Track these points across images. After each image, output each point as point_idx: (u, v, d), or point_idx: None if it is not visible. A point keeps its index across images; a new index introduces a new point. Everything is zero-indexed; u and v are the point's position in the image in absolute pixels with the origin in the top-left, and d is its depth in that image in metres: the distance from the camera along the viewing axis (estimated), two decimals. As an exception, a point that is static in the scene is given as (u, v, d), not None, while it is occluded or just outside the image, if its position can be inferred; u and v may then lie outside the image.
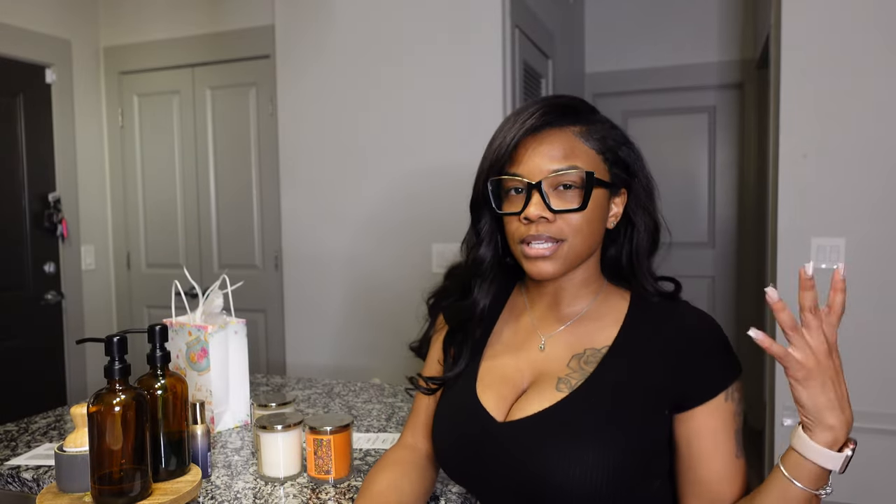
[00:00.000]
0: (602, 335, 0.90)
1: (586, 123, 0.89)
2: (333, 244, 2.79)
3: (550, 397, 0.86)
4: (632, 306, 0.92)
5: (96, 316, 3.21)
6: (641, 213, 0.92)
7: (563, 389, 0.86)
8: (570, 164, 0.85)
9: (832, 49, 2.40)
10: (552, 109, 0.88)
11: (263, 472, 1.14)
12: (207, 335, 1.37)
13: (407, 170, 2.66)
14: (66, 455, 1.00)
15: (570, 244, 0.86)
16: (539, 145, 0.87)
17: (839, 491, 2.75)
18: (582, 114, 0.89)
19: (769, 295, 0.72)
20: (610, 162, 0.89)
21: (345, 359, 2.79)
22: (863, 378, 2.41)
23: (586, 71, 4.14)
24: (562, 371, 0.89)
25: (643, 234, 0.92)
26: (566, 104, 0.89)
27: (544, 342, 0.94)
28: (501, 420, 0.89)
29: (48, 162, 2.98)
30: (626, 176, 0.90)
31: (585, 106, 0.91)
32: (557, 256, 0.86)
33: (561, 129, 0.87)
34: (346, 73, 2.73)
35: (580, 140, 0.87)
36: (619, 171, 0.89)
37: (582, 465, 0.80)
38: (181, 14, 3.07)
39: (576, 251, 0.87)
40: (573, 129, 0.88)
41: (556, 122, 0.87)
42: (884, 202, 2.37)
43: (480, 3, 2.53)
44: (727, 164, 3.99)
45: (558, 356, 0.91)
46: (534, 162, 0.86)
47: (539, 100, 0.90)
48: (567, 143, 0.86)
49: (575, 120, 0.88)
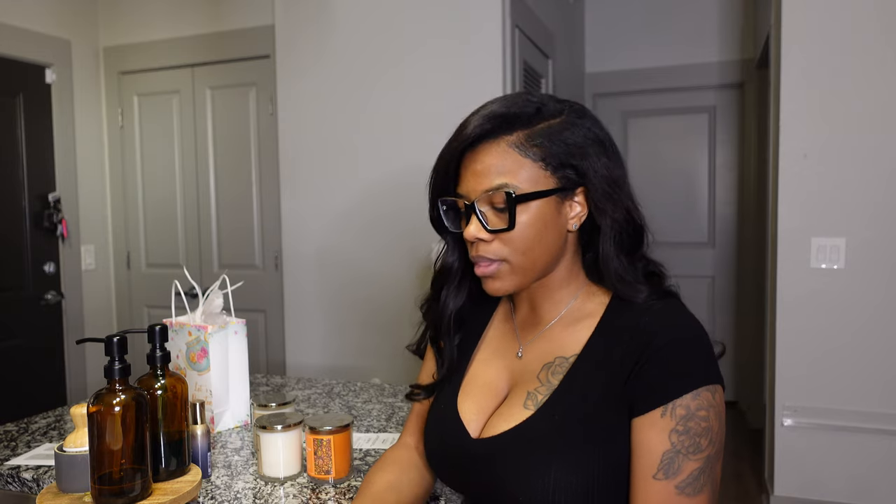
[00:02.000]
0: (573, 341, 0.87)
1: (525, 128, 0.83)
2: (333, 244, 2.79)
3: (518, 415, 0.85)
4: (609, 308, 0.87)
5: (96, 316, 3.21)
6: (603, 212, 0.84)
7: (529, 406, 0.85)
8: (501, 181, 0.82)
9: (832, 49, 2.40)
10: (486, 121, 0.83)
11: (263, 472, 1.14)
12: (207, 335, 1.37)
13: (407, 169, 2.66)
14: (66, 455, 1.00)
15: (513, 263, 0.84)
16: (473, 163, 0.84)
17: (839, 491, 2.75)
18: (520, 120, 0.83)
19: None
20: (553, 166, 0.83)
21: (345, 359, 2.79)
22: (863, 378, 2.41)
23: (586, 71, 4.14)
24: (531, 383, 0.87)
25: (608, 232, 0.84)
26: (502, 113, 0.83)
27: (521, 349, 0.92)
28: (475, 436, 0.89)
29: (48, 162, 2.98)
30: (577, 176, 0.84)
31: (527, 108, 0.84)
32: (502, 275, 0.85)
33: (496, 142, 0.83)
34: (346, 73, 2.73)
35: (515, 151, 0.82)
36: (568, 172, 0.83)
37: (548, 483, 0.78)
38: (181, 14, 3.07)
39: (524, 268, 0.85)
40: (508, 139, 0.83)
41: (490, 134, 0.83)
42: (884, 202, 2.37)
43: (480, 3, 2.53)
44: (727, 164, 3.99)
45: (532, 365, 0.89)
46: (469, 182, 0.85)
47: (477, 110, 0.86)
48: (499, 157, 0.82)
49: (511, 128, 0.83)
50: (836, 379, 2.44)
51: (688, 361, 0.78)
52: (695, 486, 0.76)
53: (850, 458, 2.43)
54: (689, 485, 0.76)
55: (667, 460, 0.76)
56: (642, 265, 0.87)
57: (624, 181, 0.85)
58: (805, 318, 2.46)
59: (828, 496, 2.46)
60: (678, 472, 0.76)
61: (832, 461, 2.46)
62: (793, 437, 2.49)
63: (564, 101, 0.88)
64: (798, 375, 2.46)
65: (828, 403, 2.45)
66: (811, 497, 2.48)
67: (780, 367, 2.49)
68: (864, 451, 2.41)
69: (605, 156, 0.84)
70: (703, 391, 0.77)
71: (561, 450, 0.80)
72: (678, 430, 0.76)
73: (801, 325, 2.47)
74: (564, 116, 0.85)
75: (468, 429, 0.89)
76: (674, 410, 0.76)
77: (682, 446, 0.76)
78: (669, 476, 0.76)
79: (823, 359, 2.44)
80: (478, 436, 0.88)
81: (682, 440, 0.76)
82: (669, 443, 0.76)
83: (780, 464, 2.53)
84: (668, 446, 0.76)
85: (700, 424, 0.76)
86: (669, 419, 0.76)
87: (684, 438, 0.76)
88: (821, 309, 2.44)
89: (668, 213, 3.97)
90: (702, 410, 0.77)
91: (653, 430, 0.77)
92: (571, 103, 0.88)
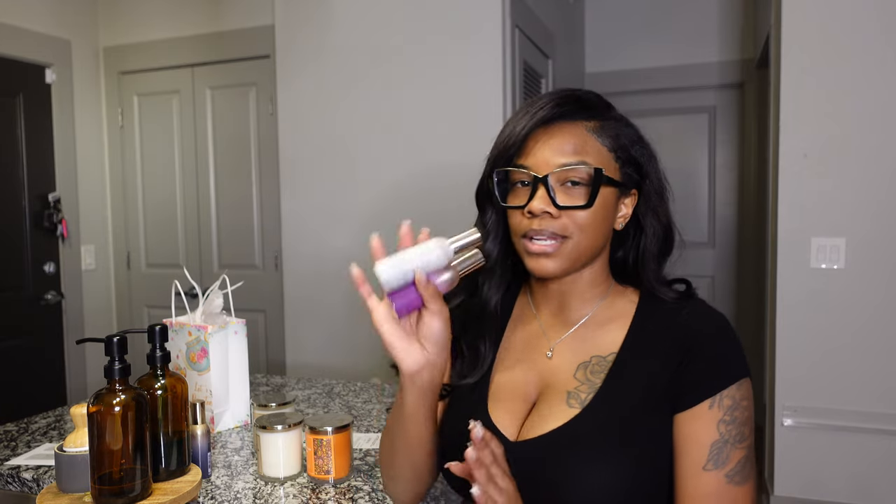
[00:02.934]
0: (608, 340, 0.87)
1: (600, 119, 0.85)
2: (333, 244, 2.79)
3: (562, 414, 0.83)
4: (639, 308, 0.88)
5: (96, 316, 3.21)
6: (651, 217, 0.88)
7: (573, 405, 0.83)
8: (579, 159, 0.82)
9: (832, 49, 2.40)
10: (566, 102, 0.84)
11: (263, 472, 1.14)
12: (207, 335, 1.37)
13: (407, 170, 2.66)
14: (66, 455, 1.00)
15: (574, 242, 0.83)
16: (549, 138, 0.84)
17: (839, 491, 2.75)
18: (596, 109, 0.86)
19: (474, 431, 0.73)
20: (622, 161, 0.85)
21: (345, 359, 2.79)
22: (863, 378, 2.41)
23: (586, 71, 4.14)
24: (570, 383, 0.86)
25: (651, 238, 0.88)
26: (581, 97, 0.86)
27: (552, 349, 0.90)
28: (514, 439, 0.85)
29: (48, 162, 2.98)
30: (638, 176, 0.87)
31: (601, 101, 0.88)
32: (560, 254, 0.83)
33: (573, 123, 0.84)
34: (345, 73, 2.73)
35: (592, 136, 0.84)
36: (630, 170, 0.86)
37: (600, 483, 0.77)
38: (181, 14, 3.07)
39: (580, 250, 0.84)
40: (586, 123, 0.84)
41: (568, 115, 0.84)
42: (884, 202, 2.37)
43: (480, 3, 2.53)
44: (727, 164, 3.99)
45: (565, 365, 0.88)
46: (542, 154, 0.83)
47: (554, 91, 0.87)
48: (578, 138, 0.83)
49: (589, 115, 0.85)
50: (836, 379, 2.43)
51: (729, 354, 0.81)
52: (742, 475, 0.78)
53: (850, 458, 2.43)
54: (738, 473, 0.78)
55: (716, 450, 0.78)
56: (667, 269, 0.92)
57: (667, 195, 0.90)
58: (805, 318, 2.46)
59: (828, 496, 2.46)
60: (727, 462, 0.78)
61: (832, 461, 2.46)
62: (793, 437, 2.49)
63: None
64: (798, 375, 2.46)
65: (828, 403, 2.45)
66: (811, 497, 2.48)
67: (780, 367, 2.49)
68: (864, 451, 2.41)
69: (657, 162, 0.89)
70: (744, 381, 0.80)
71: (609, 448, 0.80)
72: (725, 419, 0.78)
73: (801, 325, 2.47)
74: (626, 121, 0.89)
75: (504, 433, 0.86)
76: (721, 401, 0.79)
77: (730, 436, 0.78)
78: (719, 466, 0.78)
79: (823, 359, 2.44)
80: (515, 439, 0.85)
81: (729, 430, 0.78)
82: (718, 433, 0.78)
83: (780, 464, 2.52)
84: (717, 437, 0.78)
85: (744, 413, 0.79)
86: (717, 410, 0.78)
87: (731, 428, 0.78)
88: (821, 309, 2.44)
89: (668, 213, 3.96)
90: (744, 400, 0.80)
91: (700, 421, 0.79)
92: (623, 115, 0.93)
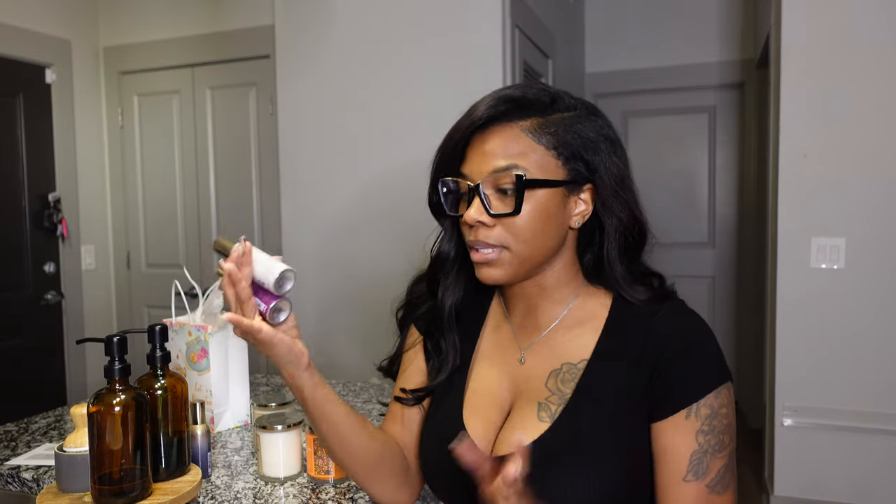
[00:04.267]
0: (579, 345, 0.85)
1: (540, 116, 0.82)
2: (333, 244, 2.79)
3: (533, 428, 0.82)
4: (611, 311, 0.85)
5: (96, 316, 3.21)
6: (607, 213, 0.83)
7: (544, 419, 0.82)
8: (508, 163, 0.79)
9: (832, 49, 2.40)
10: (501, 103, 0.81)
11: (263, 472, 1.14)
12: (207, 335, 1.37)
13: (407, 170, 2.65)
14: (66, 455, 1.00)
15: (513, 251, 0.81)
16: (483, 144, 0.82)
17: (839, 491, 2.74)
18: (535, 106, 0.82)
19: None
20: (565, 157, 0.81)
21: (344, 358, 2.79)
22: (863, 378, 2.41)
23: (586, 71, 4.14)
24: (541, 393, 0.84)
25: (612, 235, 0.84)
26: (518, 97, 0.82)
27: (523, 354, 0.89)
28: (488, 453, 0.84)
29: (48, 162, 2.98)
30: (587, 172, 0.82)
31: (543, 96, 0.83)
32: (501, 263, 0.82)
33: (508, 125, 0.81)
34: (345, 72, 2.73)
35: (528, 136, 0.80)
36: (578, 166, 0.82)
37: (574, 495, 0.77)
38: (181, 14, 3.07)
39: (522, 257, 0.82)
40: (522, 123, 0.81)
41: (503, 116, 0.81)
42: (884, 202, 2.37)
43: (480, 3, 2.53)
44: (727, 164, 3.99)
45: (537, 372, 0.86)
46: (475, 162, 0.82)
47: (492, 93, 0.84)
48: (510, 141, 0.80)
49: (525, 114, 0.81)
50: (836, 379, 2.43)
51: (706, 361, 0.79)
52: (723, 484, 0.77)
53: (850, 458, 2.43)
54: (718, 483, 0.77)
55: (695, 461, 0.77)
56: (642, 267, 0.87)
57: (630, 183, 0.85)
58: (805, 319, 2.46)
59: (828, 496, 2.46)
60: (707, 472, 0.77)
61: (832, 461, 2.46)
62: (793, 437, 2.49)
63: (579, 98, 0.87)
64: (798, 375, 2.46)
65: (828, 403, 2.45)
66: (811, 497, 2.48)
67: (780, 367, 2.49)
68: (864, 451, 2.41)
69: (616, 155, 0.84)
70: (722, 389, 0.78)
71: (583, 460, 0.78)
72: (703, 429, 0.77)
73: (801, 326, 2.47)
74: (578, 111, 0.84)
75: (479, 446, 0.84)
76: (698, 411, 0.77)
77: (709, 445, 0.77)
78: (699, 477, 0.77)
79: (823, 359, 2.44)
80: (490, 452, 0.85)
81: (707, 439, 0.77)
82: (696, 443, 0.77)
83: (780, 464, 2.52)
84: (696, 447, 0.77)
85: (722, 422, 0.78)
86: (695, 420, 0.77)
87: (710, 437, 0.77)
88: (821, 309, 2.44)
89: (668, 213, 3.96)
90: (723, 408, 0.78)
91: (678, 432, 0.77)
92: (584, 101, 0.87)
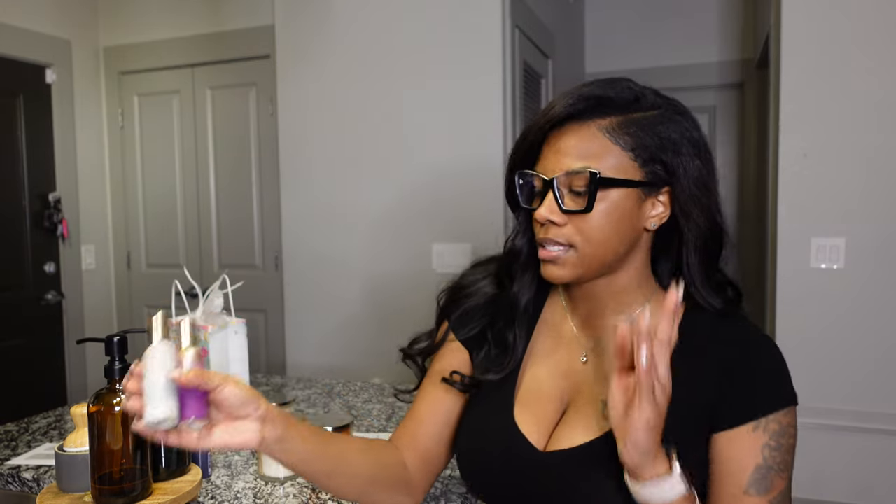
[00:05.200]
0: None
1: (619, 114, 0.79)
2: (333, 244, 2.79)
3: (597, 426, 0.79)
4: (684, 319, 0.82)
5: (96, 316, 3.21)
6: (684, 217, 0.81)
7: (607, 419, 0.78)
8: (584, 163, 0.77)
9: (832, 49, 2.40)
10: (579, 101, 0.79)
11: (263, 472, 1.14)
12: (207, 335, 1.37)
13: (407, 169, 2.66)
14: (67, 455, 1.00)
15: (580, 250, 0.79)
16: (558, 141, 0.80)
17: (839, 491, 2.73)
18: (615, 105, 0.80)
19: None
20: (643, 159, 0.79)
21: (345, 359, 2.79)
22: (863, 378, 2.41)
23: (586, 71, 4.13)
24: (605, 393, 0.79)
25: (692, 239, 0.81)
26: (598, 96, 0.80)
27: (586, 354, 0.86)
28: (542, 449, 0.82)
29: (48, 162, 2.98)
30: (665, 174, 0.80)
31: (626, 94, 0.81)
32: (566, 262, 0.80)
33: (585, 124, 0.79)
34: (346, 72, 2.73)
35: (605, 136, 0.78)
36: (657, 168, 0.79)
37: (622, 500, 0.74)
38: (181, 14, 3.07)
39: (589, 258, 0.80)
40: (600, 122, 0.79)
41: (581, 115, 0.79)
42: (884, 202, 2.37)
43: (480, 3, 2.53)
44: (727, 164, 3.99)
45: (601, 372, 0.84)
46: (550, 160, 0.81)
47: (572, 88, 0.81)
48: (587, 140, 0.78)
49: (604, 112, 0.79)
50: (836, 379, 2.43)
51: (779, 378, 0.78)
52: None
53: (851, 458, 2.43)
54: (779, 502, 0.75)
55: (759, 476, 0.75)
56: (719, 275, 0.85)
57: (714, 188, 0.82)
58: (805, 318, 2.46)
59: (828, 496, 2.46)
60: (770, 489, 0.74)
61: (832, 461, 2.46)
62: (793, 437, 2.49)
63: (665, 97, 0.84)
64: (798, 375, 2.45)
65: (828, 403, 2.45)
66: (811, 497, 2.48)
67: (780, 367, 2.48)
68: (864, 451, 2.41)
69: (699, 158, 0.81)
70: (791, 409, 0.77)
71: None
72: (771, 444, 0.75)
73: (801, 325, 2.47)
74: (662, 110, 0.81)
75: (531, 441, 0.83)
76: (767, 425, 0.75)
77: (774, 462, 0.75)
78: (762, 493, 0.74)
79: (823, 359, 2.44)
80: (544, 449, 0.82)
81: (774, 456, 0.75)
82: (762, 457, 0.75)
83: (780, 464, 2.52)
84: (761, 461, 0.75)
85: (789, 441, 0.76)
86: (762, 433, 0.75)
87: (776, 454, 0.75)
88: (821, 309, 2.44)
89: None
90: (791, 427, 0.77)
91: (743, 443, 0.75)
92: (672, 100, 0.84)
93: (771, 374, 0.78)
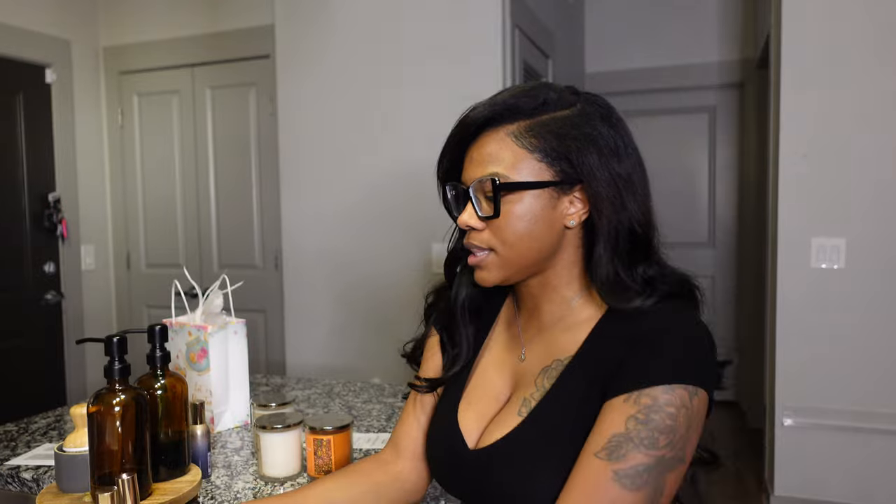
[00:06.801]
0: (570, 343, 0.84)
1: (527, 118, 0.81)
2: (333, 244, 2.79)
3: (511, 422, 0.83)
4: (606, 313, 0.83)
5: (96, 316, 3.21)
6: (600, 212, 0.81)
7: (522, 413, 0.83)
8: (493, 169, 0.81)
9: (832, 49, 2.40)
10: (489, 109, 0.83)
11: (263, 472, 1.14)
12: (207, 335, 1.37)
13: (407, 169, 2.66)
14: (66, 455, 1.00)
15: (500, 253, 0.83)
16: (472, 151, 0.85)
17: (839, 491, 2.74)
18: (523, 110, 0.82)
19: None
20: (551, 159, 0.80)
21: (345, 359, 2.79)
22: (863, 378, 2.41)
23: (586, 71, 4.14)
24: (529, 388, 0.85)
25: (605, 234, 0.81)
26: (506, 102, 0.82)
27: (524, 351, 0.90)
28: (472, 446, 0.87)
29: (48, 162, 2.98)
30: (574, 172, 0.80)
31: (532, 99, 0.82)
32: (490, 265, 0.84)
33: (495, 131, 0.83)
34: (345, 72, 2.73)
35: (513, 141, 0.81)
36: (564, 167, 0.81)
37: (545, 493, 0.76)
38: (181, 14, 3.07)
39: (510, 260, 0.83)
40: (508, 128, 0.82)
41: (492, 122, 0.83)
42: (884, 202, 2.37)
43: (480, 4, 2.53)
44: (727, 164, 3.99)
45: (532, 368, 0.87)
46: (467, 169, 0.85)
47: (484, 100, 0.85)
48: (496, 147, 0.82)
49: (513, 117, 0.82)
50: (836, 379, 2.44)
51: (671, 356, 0.75)
52: (634, 481, 0.71)
53: (850, 458, 2.43)
54: (629, 476, 0.71)
55: (614, 443, 0.73)
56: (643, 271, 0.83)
57: (632, 183, 0.82)
58: (805, 318, 2.46)
59: (828, 496, 2.46)
60: (621, 459, 0.72)
61: (832, 461, 2.46)
62: (793, 437, 2.49)
63: (584, 94, 0.84)
64: (798, 375, 2.46)
65: (828, 403, 2.45)
66: (811, 497, 2.48)
67: (780, 367, 2.49)
68: (864, 451, 2.41)
69: (614, 155, 0.81)
70: (679, 388, 0.73)
71: (550, 455, 0.78)
72: (638, 417, 0.73)
73: (801, 325, 2.47)
74: (576, 108, 0.82)
75: (467, 439, 0.87)
76: (639, 398, 0.73)
77: (636, 434, 0.72)
78: (611, 459, 0.72)
79: (823, 359, 2.44)
80: (475, 445, 0.87)
81: (638, 429, 0.72)
82: (624, 427, 0.73)
83: (780, 464, 2.53)
84: (622, 430, 0.73)
85: (664, 421, 0.72)
86: (633, 405, 0.73)
87: (641, 428, 0.72)
88: (821, 309, 2.44)
89: (668, 213, 3.94)
90: (671, 407, 0.73)
91: (612, 412, 0.74)
92: (591, 97, 0.84)
93: (656, 352, 0.75)
